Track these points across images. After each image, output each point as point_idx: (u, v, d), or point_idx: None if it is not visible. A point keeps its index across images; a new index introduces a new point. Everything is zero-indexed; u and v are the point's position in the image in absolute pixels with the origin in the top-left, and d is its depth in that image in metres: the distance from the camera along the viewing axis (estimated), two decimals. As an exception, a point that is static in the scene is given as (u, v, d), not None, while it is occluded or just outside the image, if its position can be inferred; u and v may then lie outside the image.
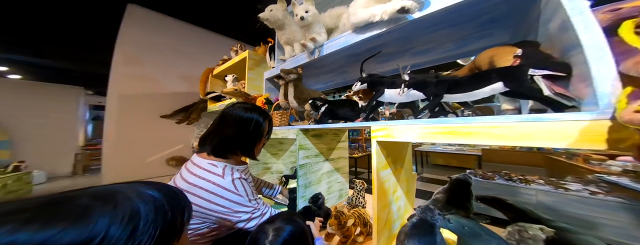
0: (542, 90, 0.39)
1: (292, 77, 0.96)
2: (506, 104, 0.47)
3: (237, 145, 0.65)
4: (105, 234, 0.22)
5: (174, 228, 0.28)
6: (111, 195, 0.25)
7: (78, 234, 0.20)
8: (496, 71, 0.47)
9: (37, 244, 0.19)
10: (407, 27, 0.65)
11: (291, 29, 1.02)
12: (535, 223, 0.52)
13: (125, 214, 0.24)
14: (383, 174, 0.64)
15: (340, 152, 1.22)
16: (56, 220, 0.21)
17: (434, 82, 0.58)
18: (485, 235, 0.47)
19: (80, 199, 0.24)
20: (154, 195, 0.28)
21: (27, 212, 0.21)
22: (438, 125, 0.47)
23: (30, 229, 0.19)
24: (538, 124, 0.35)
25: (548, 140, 0.33)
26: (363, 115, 0.74)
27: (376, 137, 0.61)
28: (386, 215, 0.66)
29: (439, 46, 0.84)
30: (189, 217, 0.31)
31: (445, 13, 0.54)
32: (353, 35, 0.77)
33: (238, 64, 1.55)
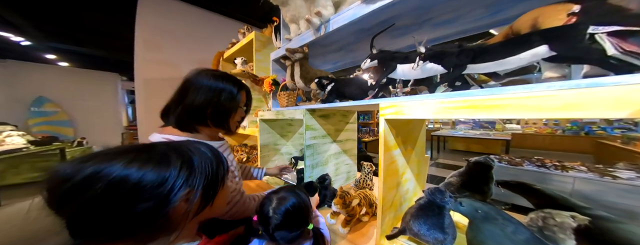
0: (606, 50, 0.29)
1: (298, 56, 0.90)
2: (550, 72, 0.37)
3: (208, 116, 0.57)
4: (175, 175, 0.30)
5: (217, 177, 0.36)
6: (179, 147, 0.34)
7: (159, 174, 0.29)
8: (540, 33, 0.37)
9: (138, 178, 0.27)
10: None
11: (296, 4, 0.92)
12: (568, 211, 0.45)
13: (185, 162, 0.31)
14: (391, 154, 0.59)
15: (349, 133, 1.18)
16: (149, 162, 0.29)
17: (456, 51, 0.48)
18: (502, 219, 0.42)
19: (161, 148, 0.32)
20: (203, 151, 0.36)
21: (130, 154, 0.29)
22: (457, 99, 0.40)
23: (134, 166, 0.28)
24: (592, 91, 0.27)
25: (605, 109, 0.25)
26: (371, 93, 0.67)
27: (385, 115, 0.55)
28: (392, 197, 0.63)
29: (466, 14, 0.70)
30: (227, 170, 0.39)
31: None
32: (362, 6, 0.67)
33: (246, 47, 1.51)
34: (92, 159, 0.28)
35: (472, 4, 0.63)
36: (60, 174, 0.26)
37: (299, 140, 1.51)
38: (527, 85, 0.33)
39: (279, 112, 1.07)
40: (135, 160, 0.28)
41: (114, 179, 0.26)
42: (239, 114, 0.66)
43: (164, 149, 0.32)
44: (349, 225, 0.70)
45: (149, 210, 0.27)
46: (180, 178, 0.30)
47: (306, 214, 0.51)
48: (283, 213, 0.47)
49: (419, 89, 0.72)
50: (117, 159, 0.28)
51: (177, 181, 0.29)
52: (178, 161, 0.31)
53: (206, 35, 2.38)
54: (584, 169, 1.81)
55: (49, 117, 4.56)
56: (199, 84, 0.56)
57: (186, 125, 0.57)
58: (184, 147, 0.34)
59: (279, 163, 1.33)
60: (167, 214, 0.29)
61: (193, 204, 0.31)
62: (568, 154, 3.31)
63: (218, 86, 0.57)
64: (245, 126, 1.46)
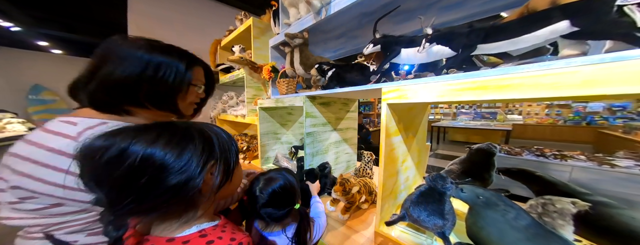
0: (636, 22, 0.27)
1: (297, 42, 0.86)
2: (569, 49, 0.34)
3: (142, 96, 0.45)
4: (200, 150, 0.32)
5: (233, 153, 0.38)
6: (195, 125, 0.35)
7: (187, 150, 0.31)
8: (561, 8, 0.34)
9: (162, 156, 0.29)
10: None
11: (296, -17, 0.87)
12: (568, 197, 0.44)
13: (206, 139, 0.34)
14: (392, 141, 0.58)
15: (349, 122, 1.16)
16: (174, 138, 0.31)
17: (466, 32, 0.45)
18: (503, 205, 0.42)
19: (181, 126, 0.34)
20: (217, 130, 0.38)
21: (152, 133, 0.30)
22: (465, 80, 0.38)
23: (158, 145, 0.29)
24: (617, 65, 0.25)
25: (631, 84, 0.23)
26: (374, 78, 0.65)
27: (387, 99, 0.53)
28: (392, 184, 0.63)
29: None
30: (238, 149, 0.42)
31: None
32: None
33: (243, 34, 1.45)
34: (120, 134, 0.29)
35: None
36: (94, 148, 0.28)
37: (300, 129, 1.49)
38: (543, 62, 0.31)
39: (279, 99, 1.05)
40: (161, 137, 0.30)
41: (144, 155, 0.28)
42: (191, 94, 0.53)
43: (184, 126, 0.34)
44: (349, 212, 0.71)
45: (182, 183, 0.30)
46: (204, 153, 0.32)
47: (292, 194, 0.52)
48: (269, 193, 0.50)
49: (423, 75, 0.69)
50: (142, 137, 0.29)
51: (202, 156, 0.32)
52: (200, 138, 0.33)
53: (203, 23, 2.28)
54: (583, 157, 1.81)
55: (49, 105, 4.52)
56: (123, 53, 0.44)
57: (107, 105, 0.45)
58: (200, 126, 0.36)
59: (280, 152, 1.33)
60: (199, 186, 0.31)
61: (216, 177, 0.34)
62: (569, 144, 3.28)
63: (153, 59, 0.45)
64: (245, 115, 1.44)
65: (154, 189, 0.29)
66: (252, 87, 1.41)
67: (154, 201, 0.29)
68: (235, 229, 0.37)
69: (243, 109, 1.52)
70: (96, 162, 0.28)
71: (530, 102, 3.50)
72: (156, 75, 0.45)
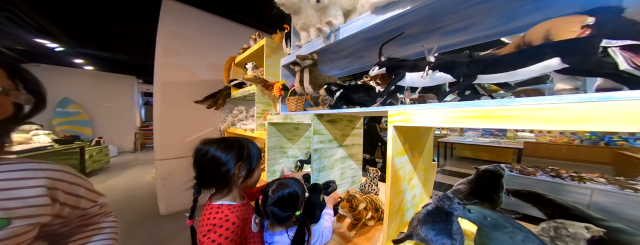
0: (618, 64, 0.29)
1: (307, 63, 0.92)
2: (562, 84, 0.36)
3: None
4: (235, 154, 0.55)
5: (253, 160, 0.59)
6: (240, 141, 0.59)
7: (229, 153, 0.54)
8: (552, 46, 0.37)
9: (219, 156, 0.53)
10: (438, 3, 0.55)
11: (307, 13, 0.95)
12: (581, 221, 0.43)
13: (241, 149, 0.57)
14: (398, 161, 0.59)
15: (355, 138, 1.18)
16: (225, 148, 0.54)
17: (466, 61, 0.49)
18: (511, 227, 0.41)
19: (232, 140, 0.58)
20: (250, 145, 0.59)
21: (219, 143, 0.56)
22: (467, 108, 0.40)
23: (219, 150, 0.54)
24: (603, 105, 0.27)
25: (617, 123, 0.25)
26: (379, 100, 0.68)
27: (393, 122, 0.56)
28: (399, 202, 0.63)
29: (477, 23, 0.70)
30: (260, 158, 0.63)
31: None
32: (372, 16, 0.69)
33: (256, 52, 1.55)
34: (206, 143, 0.55)
35: (483, 13, 0.63)
36: (196, 150, 0.55)
37: (305, 143, 1.52)
38: (538, 97, 0.33)
39: (288, 116, 1.09)
40: (220, 146, 0.55)
41: (213, 155, 0.53)
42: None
43: (233, 140, 0.58)
44: (355, 229, 0.70)
45: (224, 172, 0.53)
46: (237, 156, 0.55)
47: (296, 202, 0.60)
48: (278, 196, 0.58)
49: (427, 96, 0.72)
50: (213, 145, 0.55)
51: (236, 158, 0.55)
52: (238, 148, 0.56)
53: (219, 41, 2.46)
54: (603, 180, 1.71)
55: (72, 117, 4.83)
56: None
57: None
58: (241, 140, 0.59)
59: (286, 166, 1.34)
60: (231, 176, 0.54)
61: (241, 173, 0.56)
62: (586, 164, 3.07)
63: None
64: (254, 129, 1.49)
65: (214, 173, 0.53)
66: (261, 102, 1.47)
67: (212, 180, 0.54)
68: (240, 211, 0.54)
69: (252, 124, 1.58)
70: (195, 156, 0.55)
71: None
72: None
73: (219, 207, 0.52)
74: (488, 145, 3.32)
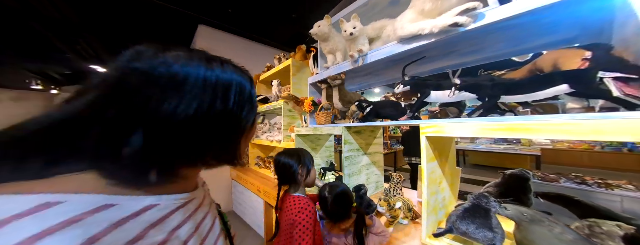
0: (612, 92, 0.41)
1: (337, 83, 1.06)
2: (573, 104, 0.48)
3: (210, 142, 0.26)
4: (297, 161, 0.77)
5: (308, 164, 0.80)
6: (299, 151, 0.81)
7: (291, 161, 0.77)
8: (561, 74, 0.49)
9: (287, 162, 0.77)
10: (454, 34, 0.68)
11: (335, 40, 1.11)
12: (611, 221, 0.49)
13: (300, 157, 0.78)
14: (431, 166, 0.69)
15: (376, 147, 1.28)
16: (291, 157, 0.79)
17: (490, 85, 0.61)
18: (548, 222, 0.49)
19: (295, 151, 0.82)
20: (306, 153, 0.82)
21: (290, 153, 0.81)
22: (496, 123, 0.51)
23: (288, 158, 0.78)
24: (605, 122, 0.38)
25: (619, 135, 0.36)
26: (409, 114, 0.80)
27: (426, 133, 0.67)
28: (434, 202, 0.72)
29: (489, 47, 0.82)
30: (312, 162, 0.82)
31: (497, 25, 0.56)
32: (398, 45, 0.83)
33: (282, 71, 1.72)
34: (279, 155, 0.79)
35: (495, 39, 0.76)
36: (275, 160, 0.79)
37: (326, 153, 1.61)
38: (555, 115, 0.45)
39: (317, 128, 1.21)
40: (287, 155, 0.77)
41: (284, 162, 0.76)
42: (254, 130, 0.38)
43: (295, 151, 0.81)
44: (392, 226, 0.78)
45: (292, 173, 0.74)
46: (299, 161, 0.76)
47: (351, 197, 0.75)
48: (335, 194, 0.71)
49: (449, 110, 0.84)
50: (283, 155, 0.78)
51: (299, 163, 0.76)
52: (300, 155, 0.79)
53: (242, 61, 2.66)
54: (632, 187, 1.66)
55: None
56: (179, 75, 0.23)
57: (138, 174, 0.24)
58: (298, 151, 0.81)
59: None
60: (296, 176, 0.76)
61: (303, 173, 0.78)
62: (611, 172, 2.91)
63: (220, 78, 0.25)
64: (281, 140, 1.60)
65: (286, 173, 0.74)
66: (287, 116, 1.60)
67: (286, 178, 0.76)
68: (310, 202, 0.71)
69: (279, 136, 1.69)
70: (275, 165, 0.78)
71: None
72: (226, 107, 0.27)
73: (299, 198, 0.71)
74: (503, 153, 3.19)
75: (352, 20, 0.95)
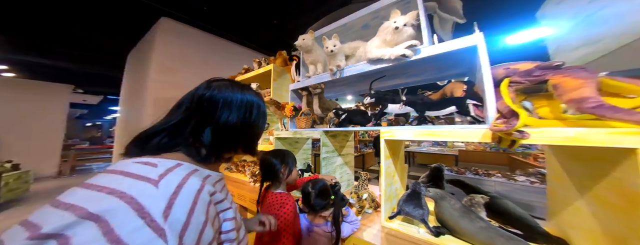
0: (470, 112, 0.72)
1: (317, 91, 1.26)
2: (458, 118, 0.80)
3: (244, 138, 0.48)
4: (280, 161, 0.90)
5: (290, 164, 0.94)
6: (283, 151, 0.96)
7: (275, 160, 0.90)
8: (452, 99, 0.81)
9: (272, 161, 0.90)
10: (403, 63, 0.97)
11: (317, 53, 1.31)
12: (480, 194, 0.84)
13: (284, 157, 0.92)
14: (387, 162, 0.94)
15: (348, 149, 1.51)
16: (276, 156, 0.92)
17: (420, 102, 0.91)
18: (449, 197, 0.79)
19: (281, 151, 0.96)
20: (289, 153, 0.97)
21: (274, 153, 0.97)
22: (423, 130, 0.79)
23: (273, 158, 0.92)
24: (468, 130, 0.68)
25: (472, 137, 0.66)
26: (373, 121, 1.05)
27: (384, 136, 0.91)
28: (389, 192, 0.97)
29: (424, 72, 1.18)
30: (295, 162, 0.98)
31: (428, 58, 0.86)
32: (368, 65, 1.08)
33: (262, 75, 1.81)
34: (265, 154, 0.92)
35: (427, 68, 1.10)
36: (261, 159, 0.92)
37: (303, 155, 1.77)
38: (449, 125, 0.74)
39: (297, 132, 1.36)
40: (272, 155, 0.90)
41: (269, 161, 0.89)
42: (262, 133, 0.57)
43: (278, 151, 0.94)
44: (360, 214, 0.99)
45: (274, 172, 0.88)
46: (282, 161, 0.89)
47: (329, 190, 0.88)
48: (318, 188, 0.85)
49: (399, 119, 1.13)
50: (268, 155, 0.90)
51: (282, 162, 0.89)
52: (283, 155, 0.92)
53: (216, 60, 2.61)
54: (500, 175, 2.86)
55: None
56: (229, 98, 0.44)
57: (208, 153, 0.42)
58: (283, 151, 0.94)
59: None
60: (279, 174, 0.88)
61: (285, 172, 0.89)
62: (494, 165, 4.44)
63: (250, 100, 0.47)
64: (259, 142, 1.68)
65: (270, 173, 0.86)
66: (265, 118, 1.70)
67: (269, 176, 0.88)
68: (290, 197, 0.83)
69: None
70: (261, 163, 0.90)
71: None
72: (251, 117, 0.46)
73: (280, 194, 0.82)
74: (437, 153, 4.82)
75: (333, 38, 1.16)
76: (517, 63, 0.66)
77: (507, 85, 0.63)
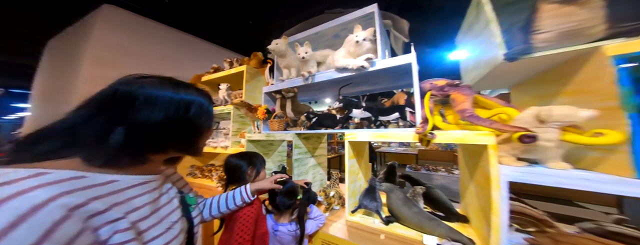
0: (407, 118, 0.89)
1: (290, 95, 1.33)
2: (400, 122, 0.98)
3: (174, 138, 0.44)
4: (247, 162, 0.97)
5: (258, 165, 1.00)
6: (251, 154, 1.02)
7: (242, 162, 0.96)
8: (396, 107, 0.98)
9: (237, 163, 0.97)
10: (364, 73, 1.11)
11: (291, 57, 1.39)
12: (421, 185, 1.03)
13: (251, 159, 0.98)
14: (351, 162, 1.07)
15: (321, 150, 1.62)
16: (242, 159, 0.98)
17: (375, 109, 1.07)
18: (396, 190, 0.95)
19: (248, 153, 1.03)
20: (258, 155, 1.05)
21: (241, 155, 1.03)
22: (377, 132, 0.94)
23: (239, 160, 0.99)
24: (405, 132, 0.85)
25: (407, 138, 0.83)
26: (340, 125, 1.17)
27: (348, 138, 1.04)
28: (353, 189, 1.09)
29: (383, 81, 1.36)
30: (263, 164, 1.03)
31: (381, 70, 1.01)
32: (335, 72, 1.20)
33: (233, 76, 1.81)
34: (230, 157, 0.97)
35: (384, 77, 1.27)
36: (226, 161, 0.96)
37: (278, 157, 1.81)
38: (394, 128, 0.90)
39: (270, 134, 1.42)
40: (238, 157, 0.97)
41: (235, 163, 0.94)
42: (210, 133, 0.54)
43: (246, 153, 1.00)
44: (328, 211, 1.10)
45: (241, 172, 0.93)
46: (249, 163, 0.96)
47: (296, 191, 0.93)
48: (286, 189, 0.89)
49: (363, 122, 1.28)
50: (234, 157, 0.97)
51: (249, 164, 0.95)
52: (250, 157, 0.98)
53: (179, 57, 2.43)
54: (443, 170, 3.64)
55: None
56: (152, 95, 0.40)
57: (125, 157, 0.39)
58: (250, 153, 1.01)
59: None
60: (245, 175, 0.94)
61: (252, 173, 0.96)
62: (443, 162, 5.22)
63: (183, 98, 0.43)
64: (228, 146, 1.67)
65: (236, 174, 0.92)
66: (237, 121, 1.70)
67: (234, 178, 0.93)
68: (257, 199, 0.85)
69: (226, 141, 1.74)
70: (226, 165, 0.95)
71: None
72: (187, 115, 0.43)
73: None
74: (402, 153, 5.63)
75: (304, 46, 1.25)
76: (438, 80, 0.84)
77: (429, 97, 0.81)
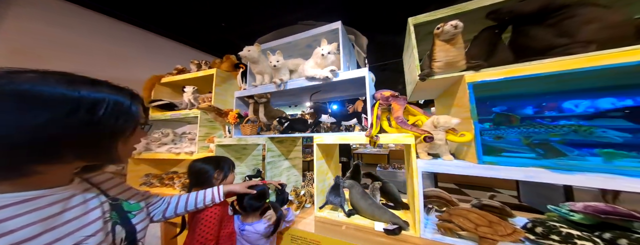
0: (362, 122, 1.10)
1: (263, 100, 1.42)
2: (358, 127, 1.19)
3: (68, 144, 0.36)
4: (214, 166, 1.01)
5: (226, 169, 1.05)
6: (217, 158, 1.08)
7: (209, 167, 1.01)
8: (355, 113, 1.18)
9: (202, 167, 1.00)
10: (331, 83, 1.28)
11: (263, 64, 1.47)
12: (378, 181, 1.24)
13: (219, 163, 1.03)
14: (320, 162, 1.21)
15: (296, 153, 1.73)
16: (209, 162, 1.04)
17: (339, 114, 1.25)
18: (357, 186, 1.13)
19: (214, 158, 1.10)
20: (226, 160, 1.11)
21: (207, 160, 1.07)
22: (340, 135, 1.11)
23: (205, 164, 1.02)
24: (358, 135, 1.05)
25: (359, 140, 1.03)
26: (310, 129, 1.31)
27: (316, 141, 1.18)
28: (322, 187, 1.24)
29: (349, 89, 1.55)
30: (232, 167, 1.10)
31: (344, 80, 1.20)
32: (306, 81, 1.34)
33: (201, 78, 1.79)
34: (196, 161, 1.01)
35: (351, 86, 1.46)
36: (190, 165, 0.99)
37: (252, 161, 1.85)
38: (353, 132, 1.10)
39: (242, 139, 1.47)
40: (205, 161, 1.01)
41: (200, 166, 0.98)
42: (137, 136, 0.48)
43: (214, 158, 1.07)
44: (299, 209, 1.22)
45: (207, 177, 0.96)
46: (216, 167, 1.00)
47: (265, 195, 0.96)
48: (258, 191, 0.92)
49: (331, 127, 1.45)
50: (199, 161, 1.00)
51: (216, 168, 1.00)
52: (217, 161, 1.03)
53: (132, 53, 2.18)
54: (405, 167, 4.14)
55: None
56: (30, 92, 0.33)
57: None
58: (217, 158, 1.07)
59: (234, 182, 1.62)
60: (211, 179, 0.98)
61: (219, 176, 1.01)
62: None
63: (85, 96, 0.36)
64: (194, 151, 1.64)
65: (201, 179, 0.95)
66: (205, 126, 1.68)
67: (200, 181, 0.95)
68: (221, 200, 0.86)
69: (191, 146, 1.70)
70: (190, 169, 0.98)
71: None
72: (92, 117, 0.36)
73: None
74: (376, 153, 6.26)
75: (276, 54, 1.36)
76: (385, 91, 1.07)
77: (378, 105, 1.02)
